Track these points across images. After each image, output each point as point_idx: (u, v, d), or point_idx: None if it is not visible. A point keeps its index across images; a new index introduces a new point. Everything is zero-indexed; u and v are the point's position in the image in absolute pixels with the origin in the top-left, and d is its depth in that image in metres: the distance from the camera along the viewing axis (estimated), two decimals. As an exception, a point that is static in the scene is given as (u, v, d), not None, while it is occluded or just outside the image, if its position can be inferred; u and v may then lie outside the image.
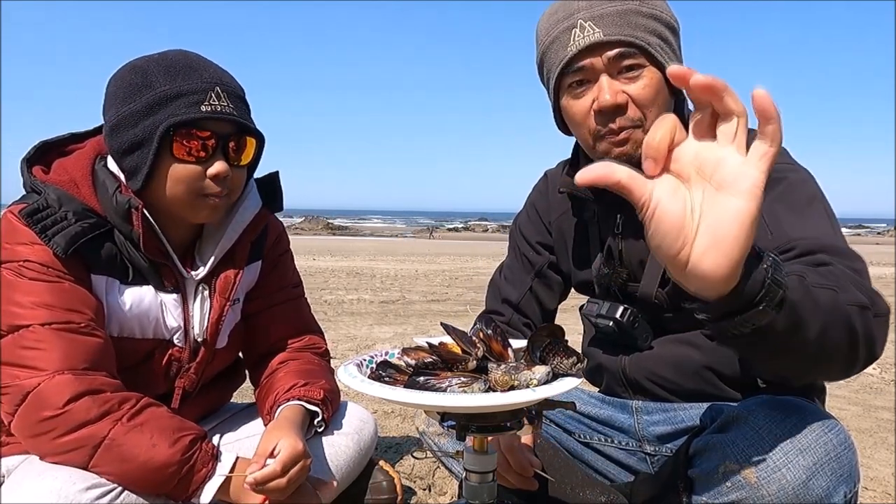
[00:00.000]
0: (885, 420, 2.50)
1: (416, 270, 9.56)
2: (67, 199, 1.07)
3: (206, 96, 1.06)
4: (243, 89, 1.15)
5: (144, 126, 1.05)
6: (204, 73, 1.08)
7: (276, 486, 1.03)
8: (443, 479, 1.74)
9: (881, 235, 37.24)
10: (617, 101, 1.01)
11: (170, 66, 1.07)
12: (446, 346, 0.86)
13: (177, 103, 1.04)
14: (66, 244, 1.03)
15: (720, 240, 0.60)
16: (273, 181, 1.31)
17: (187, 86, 1.05)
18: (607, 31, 1.00)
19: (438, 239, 28.43)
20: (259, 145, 1.17)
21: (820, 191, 0.99)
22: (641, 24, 1.01)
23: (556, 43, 1.05)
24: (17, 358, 1.01)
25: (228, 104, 1.08)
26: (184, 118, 1.04)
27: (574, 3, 1.04)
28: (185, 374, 1.21)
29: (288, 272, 1.38)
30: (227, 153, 1.10)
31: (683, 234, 0.61)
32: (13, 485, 0.98)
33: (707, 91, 0.59)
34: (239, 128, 1.10)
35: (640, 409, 1.20)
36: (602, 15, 1.01)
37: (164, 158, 1.06)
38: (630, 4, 1.02)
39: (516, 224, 1.39)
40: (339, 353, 3.44)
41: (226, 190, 1.11)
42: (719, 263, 0.60)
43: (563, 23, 1.04)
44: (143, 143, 1.06)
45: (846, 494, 0.84)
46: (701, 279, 0.62)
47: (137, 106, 1.05)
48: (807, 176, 1.00)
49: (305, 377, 1.26)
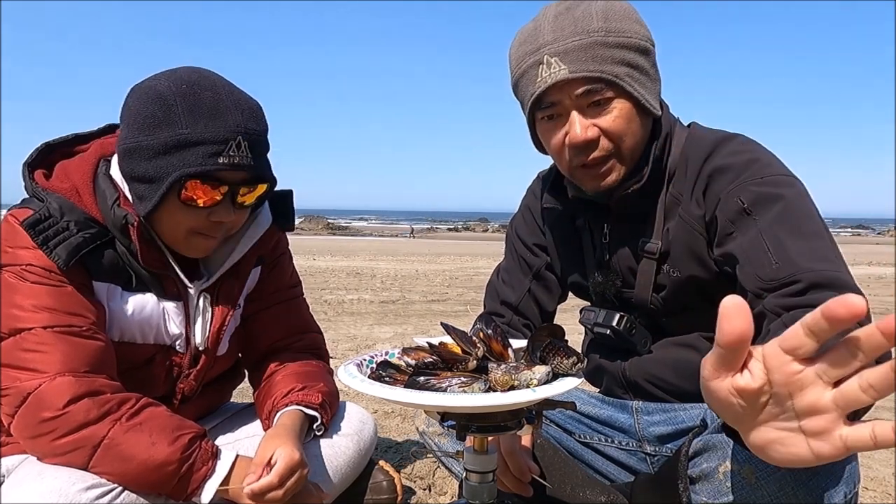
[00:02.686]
0: (885, 420, 2.50)
1: (416, 270, 9.56)
2: (69, 208, 1.07)
3: (226, 147, 1.01)
4: (267, 128, 1.10)
5: (158, 165, 1.02)
6: (229, 118, 1.02)
7: (273, 497, 1.03)
8: (443, 479, 1.74)
9: (881, 235, 37.23)
10: (587, 136, 1.02)
11: (195, 105, 1.01)
12: (446, 346, 0.86)
13: (195, 151, 1.00)
14: (68, 256, 1.03)
15: (776, 458, 0.59)
16: (286, 198, 1.28)
17: (209, 133, 1.00)
18: (573, 67, 0.99)
19: (419, 238, 28.45)
20: (270, 186, 1.14)
21: (814, 205, 0.98)
22: (608, 56, 1.00)
23: (525, 77, 1.05)
24: (18, 360, 1.01)
25: (248, 154, 1.04)
26: (199, 170, 1.00)
27: (541, 34, 1.03)
28: (185, 380, 1.21)
29: (286, 273, 1.38)
30: (235, 199, 1.08)
31: (747, 420, 0.59)
32: (13, 485, 0.98)
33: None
34: (253, 175, 1.08)
35: (640, 409, 1.20)
36: (567, 50, 1.00)
37: (171, 200, 1.04)
38: (595, 36, 1.00)
39: (512, 226, 1.39)
40: (339, 353, 3.44)
41: (223, 232, 1.11)
42: (771, 460, 0.60)
43: (531, 57, 1.03)
44: (153, 180, 1.03)
45: (846, 495, 0.84)
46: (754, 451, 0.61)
47: (154, 141, 1.01)
48: (801, 188, 0.99)
49: (304, 380, 1.26)
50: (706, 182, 1.04)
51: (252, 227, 1.21)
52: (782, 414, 0.55)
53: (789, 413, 0.55)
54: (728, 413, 0.59)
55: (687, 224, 1.06)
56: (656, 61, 1.08)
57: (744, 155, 1.02)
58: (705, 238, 1.05)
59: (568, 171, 1.10)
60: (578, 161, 1.05)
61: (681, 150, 1.09)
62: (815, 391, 0.53)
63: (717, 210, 1.01)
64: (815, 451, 0.54)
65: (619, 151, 1.05)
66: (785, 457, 0.57)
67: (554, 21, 1.02)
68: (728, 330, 0.52)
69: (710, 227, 1.03)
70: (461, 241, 24.80)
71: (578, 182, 1.11)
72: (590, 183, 1.08)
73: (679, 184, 1.08)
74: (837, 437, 0.53)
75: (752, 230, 0.95)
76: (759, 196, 0.96)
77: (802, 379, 0.53)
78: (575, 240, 1.25)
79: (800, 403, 0.54)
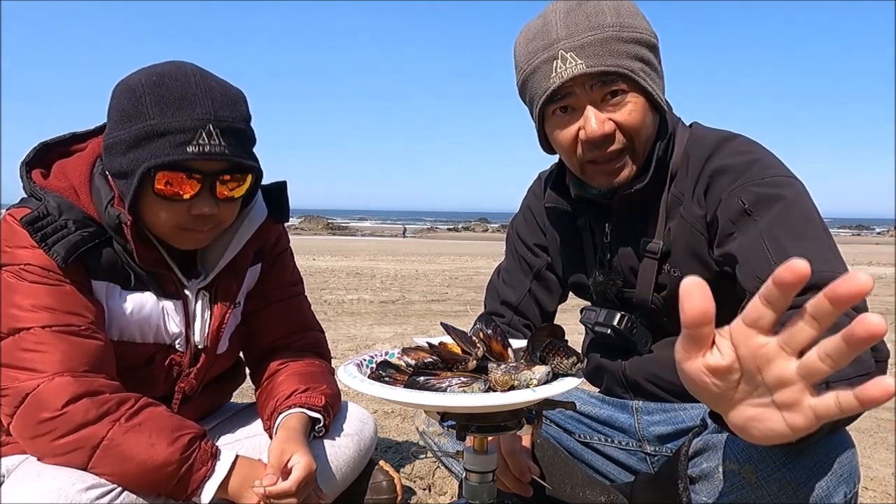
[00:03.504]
0: (885, 420, 2.50)
1: (416, 270, 9.56)
2: (67, 206, 1.07)
3: (194, 135, 0.99)
4: (245, 117, 1.08)
5: (129, 159, 1.01)
6: (198, 106, 1.00)
7: (287, 503, 1.03)
8: (443, 479, 1.74)
9: (881, 235, 37.25)
10: (604, 130, 1.01)
11: (163, 96, 1.00)
12: (446, 346, 0.86)
13: (162, 142, 0.99)
14: (66, 253, 1.03)
15: (753, 435, 0.59)
16: (280, 191, 1.28)
17: (176, 123, 0.99)
18: (590, 62, 0.99)
19: (419, 238, 28.45)
20: (256, 177, 1.12)
21: (814, 206, 0.98)
22: (623, 51, 1.01)
23: (538, 73, 1.04)
24: (17, 360, 1.01)
25: (220, 142, 1.01)
26: (165, 160, 0.99)
27: (552, 30, 1.02)
28: (186, 379, 1.21)
29: (287, 270, 1.37)
30: (215, 190, 1.05)
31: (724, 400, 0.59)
32: (13, 485, 0.98)
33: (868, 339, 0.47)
34: (231, 164, 1.05)
35: (640, 409, 1.20)
36: (583, 45, 1.00)
37: (147, 193, 1.03)
38: (609, 31, 1.01)
39: (513, 226, 1.39)
40: (339, 353, 3.44)
41: (211, 225, 1.09)
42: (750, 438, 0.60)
43: (544, 53, 1.03)
44: (127, 174, 1.03)
45: (846, 494, 0.84)
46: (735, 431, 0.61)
47: (125, 135, 1.01)
48: (801, 189, 0.99)
49: (306, 382, 1.25)
50: (707, 182, 1.04)
51: (246, 223, 1.20)
52: (755, 390, 0.56)
53: (761, 388, 0.56)
54: (705, 394, 0.60)
55: (688, 224, 1.06)
56: (661, 58, 1.09)
57: (745, 156, 1.02)
58: (706, 238, 1.05)
59: (579, 166, 1.09)
60: (591, 156, 1.05)
61: (683, 150, 1.09)
62: (781, 363, 0.53)
63: (718, 210, 1.01)
64: (789, 424, 0.55)
65: (632, 147, 1.05)
66: (763, 433, 0.58)
67: (566, 17, 1.02)
68: (689, 308, 0.54)
69: (711, 228, 1.03)
70: (461, 241, 24.80)
71: (589, 179, 1.10)
72: (603, 179, 1.08)
73: (681, 183, 1.08)
74: (807, 407, 0.53)
75: (752, 231, 0.95)
76: (759, 197, 0.96)
77: (768, 352, 0.54)
78: (576, 239, 1.25)
79: (769, 377, 0.54)
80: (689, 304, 0.53)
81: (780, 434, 0.56)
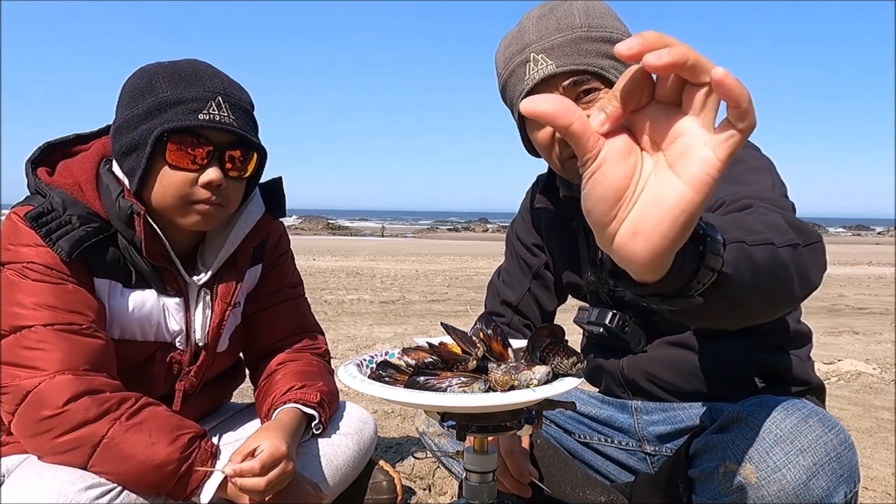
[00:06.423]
0: (885, 420, 2.50)
1: (416, 270, 9.56)
2: (72, 202, 1.08)
3: (205, 105, 1.05)
4: (251, 103, 1.14)
5: (142, 130, 1.05)
6: (208, 82, 1.07)
7: (253, 485, 1.03)
8: (443, 479, 1.74)
9: (881, 235, 37.25)
10: None
11: (175, 73, 1.07)
12: (446, 346, 0.86)
13: (175, 110, 1.04)
14: (70, 248, 1.03)
15: (650, 228, 0.48)
16: (276, 187, 1.30)
17: (188, 93, 1.05)
18: (559, 62, 1.02)
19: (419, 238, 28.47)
20: (261, 159, 1.16)
21: (776, 171, 0.98)
22: (592, 50, 1.03)
23: (514, 77, 1.07)
24: (19, 358, 1.01)
25: (229, 115, 1.07)
26: (178, 125, 1.04)
27: (525, 35, 1.06)
28: (186, 377, 1.21)
29: (287, 272, 1.38)
30: (223, 163, 1.09)
31: (619, 204, 0.49)
32: (13, 485, 0.98)
33: (671, 69, 0.43)
34: (239, 139, 1.09)
35: (639, 409, 1.20)
36: (552, 47, 1.03)
37: (158, 163, 1.07)
38: (578, 32, 1.03)
39: (512, 228, 1.40)
40: (339, 353, 3.44)
41: (218, 199, 1.10)
42: (643, 253, 0.49)
43: (517, 56, 1.06)
44: (138, 146, 1.06)
45: (846, 494, 0.84)
46: (624, 262, 0.52)
47: (138, 110, 1.06)
48: (768, 163, 1.00)
49: (303, 379, 1.26)
50: None
51: (243, 217, 1.21)
52: (634, 175, 0.48)
53: (658, 155, 0.48)
54: (591, 203, 0.50)
55: None
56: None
57: None
58: None
59: (559, 164, 1.10)
60: (568, 153, 1.07)
61: None
62: (671, 114, 0.47)
63: None
64: (684, 179, 0.47)
65: None
66: (666, 211, 0.47)
67: (538, 22, 1.06)
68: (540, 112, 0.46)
69: None
70: (461, 241, 24.80)
71: (570, 176, 1.12)
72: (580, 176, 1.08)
73: None
74: (701, 144, 0.46)
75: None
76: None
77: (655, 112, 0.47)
78: (570, 241, 1.25)
79: (662, 134, 0.47)
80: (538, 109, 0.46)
81: (676, 202, 0.47)
